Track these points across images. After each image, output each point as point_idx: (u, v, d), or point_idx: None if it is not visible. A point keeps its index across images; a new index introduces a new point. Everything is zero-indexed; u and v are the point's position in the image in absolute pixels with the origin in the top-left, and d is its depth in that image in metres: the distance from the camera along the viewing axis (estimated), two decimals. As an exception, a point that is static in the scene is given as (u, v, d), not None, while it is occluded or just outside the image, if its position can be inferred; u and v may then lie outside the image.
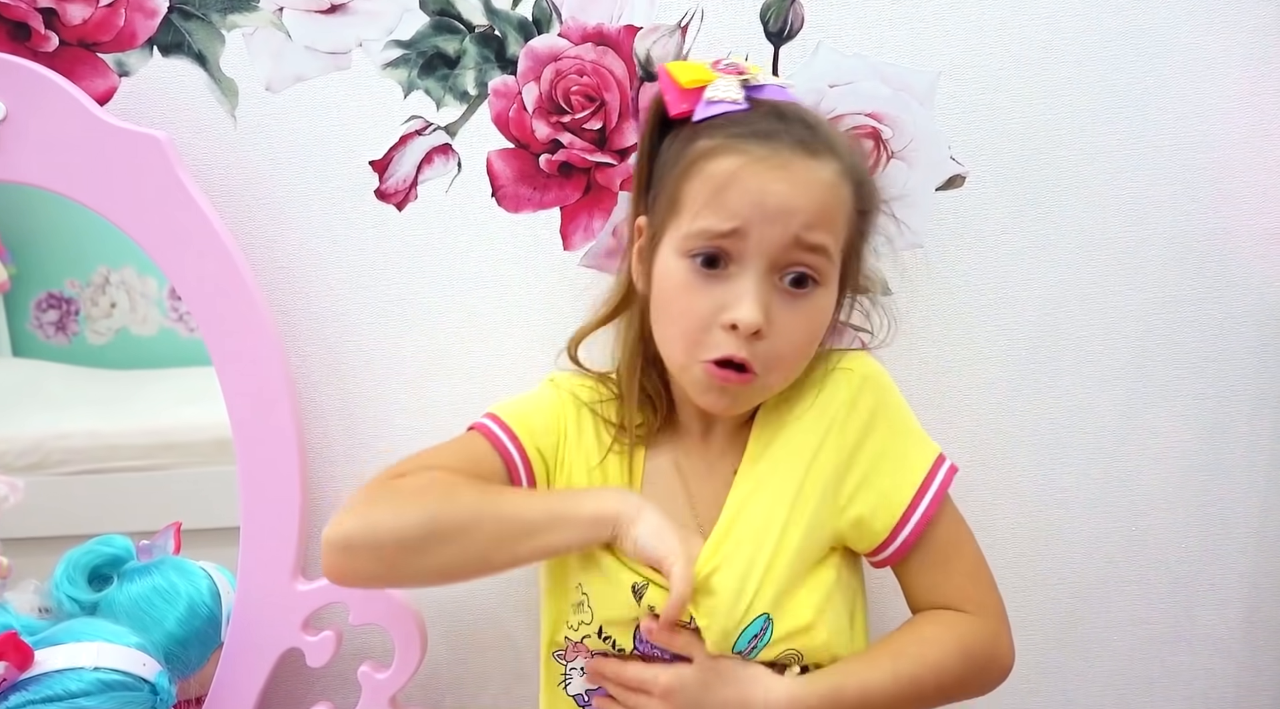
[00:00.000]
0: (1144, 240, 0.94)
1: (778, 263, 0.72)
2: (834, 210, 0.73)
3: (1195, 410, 0.97)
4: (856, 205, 0.76)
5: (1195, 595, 1.00)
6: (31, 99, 0.86)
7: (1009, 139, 0.92)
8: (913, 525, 0.77)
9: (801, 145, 0.73)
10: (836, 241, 0.74)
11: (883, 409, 0.79)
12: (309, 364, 0.97)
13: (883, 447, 0.78)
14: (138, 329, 1.12)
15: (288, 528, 0.92)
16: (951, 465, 0.80)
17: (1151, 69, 0.91)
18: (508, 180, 0.93)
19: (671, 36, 0.90)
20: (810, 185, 0.72)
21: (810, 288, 0.73)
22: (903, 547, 0.78)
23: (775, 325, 0.72)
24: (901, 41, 0.90)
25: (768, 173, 0.71)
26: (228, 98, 0.92)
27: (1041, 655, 1.01)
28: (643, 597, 0.75)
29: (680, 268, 0.73)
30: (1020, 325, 0.95)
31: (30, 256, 1.12)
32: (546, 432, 0.82)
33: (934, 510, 0.77)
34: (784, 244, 0.71)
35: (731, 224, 0.71)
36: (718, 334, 0.72)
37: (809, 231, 0.71)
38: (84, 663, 0.83)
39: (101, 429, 1.11)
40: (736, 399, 0.75)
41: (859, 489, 0.77)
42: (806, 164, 0.72)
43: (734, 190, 0.71)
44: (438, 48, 0.91)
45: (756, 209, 0.71)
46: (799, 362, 0.77)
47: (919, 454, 0.79)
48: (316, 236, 0.94)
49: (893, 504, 0.77)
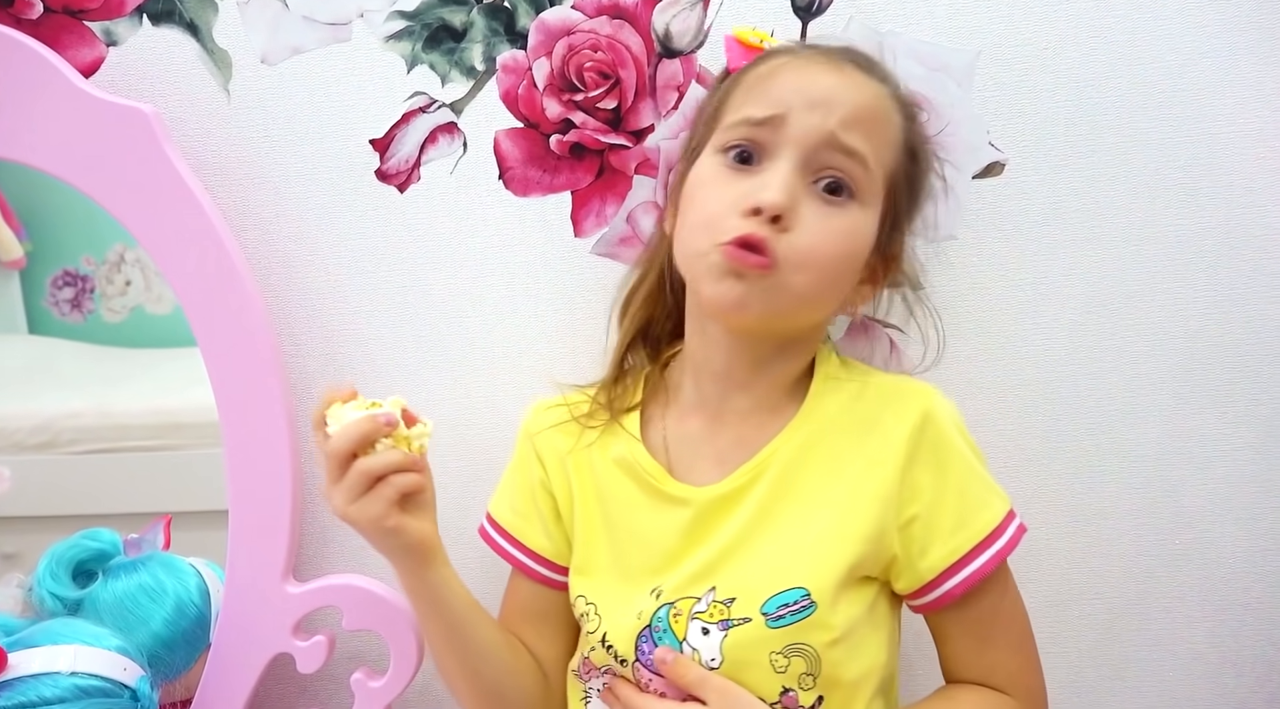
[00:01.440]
0: (1196, 235, 0.89)
1: (812, 161, 0.69)
2: (880, 120, 0.71)
3: (1247, 418, 0.91)
4: (906, 141, 0.74)
5: (1242, 615, 0.95)
6: (11, 69, 0.83)
7: (1052, 124, 0.87)
8: (965, 575, 0.72)
9: (856, 61, 0.73)
10: (878, 157, 0.71)
11: (952, 445, 0.74)
12: (304, 353, 0.94)
13: (950, 482, 0.73)
14: (153, 308, 1.12)
15: (279, 527, 0.89)
16: (1021, 525, 0.75)
17: (1210, 49, 0.85)
18: (516, 162, 0.90)
19: (693, 10, 0.86)
20: (860, 86, 0.71)
21: (845, 198, 0.70)
22: (946, 596, 0.73)
23: (802, 221, 0.69)
24: (939, 17, 0.86)
25: (816, 67, 0.71)
26: (221, 70, 0.89)
27: (1075, 674, 0.96)
28: (653, 589, 0.74)
29: (712, 163, 0.72)
30: (1060, 324, 0.91)
31: (46, 233, 1.12)
32: (531, 493, 0.83)
33: (992, 567, 0.72)
34: (821, 137, 0.69)
35: (770, 110, 0.70)
36: (738, 220, 0.68)
37: (848, 130, 0.69)
38: (61, 667, 0.80)
39: (112, 408, 1.11)
40: (751, 292, 0.69)
41: (914, 520, 0.72)
42: (857, 73, 0.72)
43: (777, 78, 0.71)
44: (443, 19, 0.88)
45: (798, 95, 0.69)
46: (821, 278, 0.71)
47: (991, 503, 0.74)
48: (313, 219, 0.92)
49: (949, 547, 0.72)
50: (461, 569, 0.78)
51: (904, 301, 0.84)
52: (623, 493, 0.79)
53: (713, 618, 0.72)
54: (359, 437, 0.69)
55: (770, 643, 0.70)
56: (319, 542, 0.96)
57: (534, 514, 0.83)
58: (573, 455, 0.81)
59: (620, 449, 0.79)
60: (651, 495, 0.77)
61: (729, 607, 0.71)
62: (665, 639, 0.72)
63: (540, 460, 0.82)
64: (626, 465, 0.79)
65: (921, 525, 0.72)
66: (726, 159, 0.71)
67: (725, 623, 0.71)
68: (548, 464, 0.82)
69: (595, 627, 0.76)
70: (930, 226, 0.84)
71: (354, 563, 0.96)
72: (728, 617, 0.71)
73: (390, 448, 0.70)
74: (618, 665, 0.75)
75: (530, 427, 0.84)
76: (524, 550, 0.83)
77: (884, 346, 0.91)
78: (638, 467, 0.78)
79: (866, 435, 0.74)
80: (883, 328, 0.91)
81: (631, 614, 0.74)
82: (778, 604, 0.70)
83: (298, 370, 0.94)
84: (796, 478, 0.74)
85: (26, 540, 1.06)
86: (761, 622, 0.70)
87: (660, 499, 0.77)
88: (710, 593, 0.72)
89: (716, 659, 0.71)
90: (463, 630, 0.77)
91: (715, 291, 0.70)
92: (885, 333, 0.91)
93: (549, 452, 0.82)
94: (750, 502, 0.74)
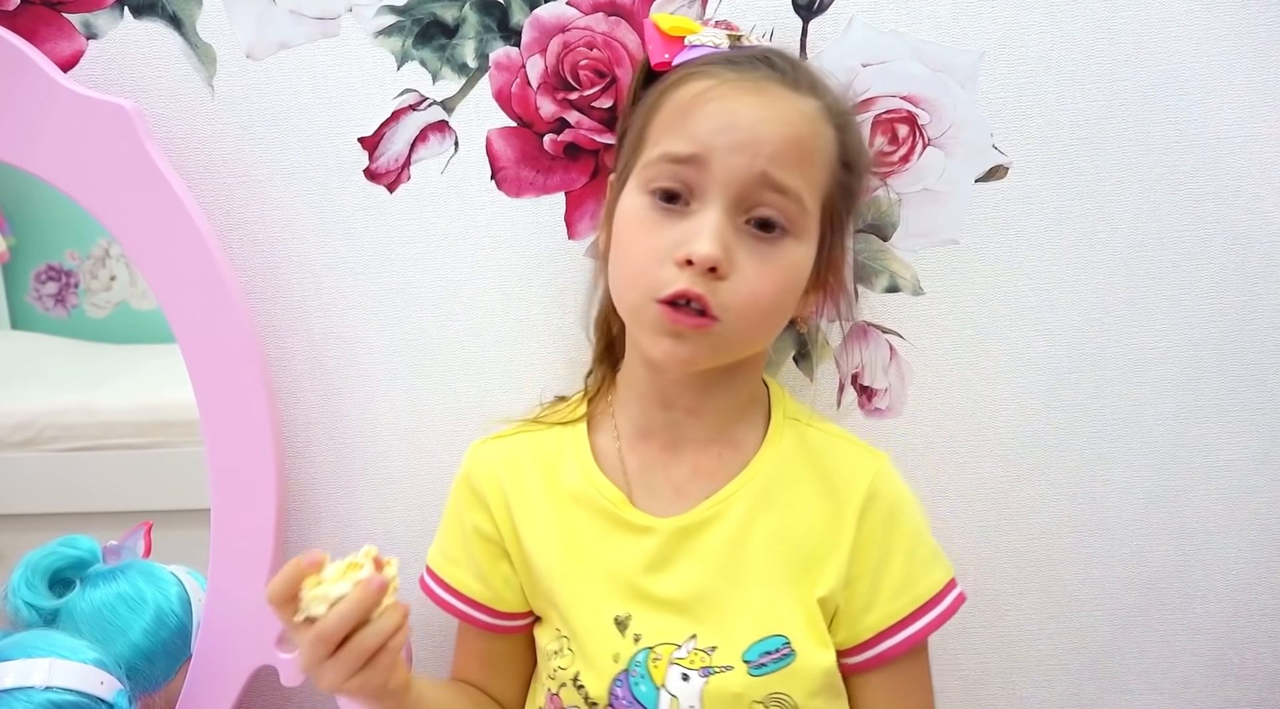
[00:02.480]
0: (1203, 241, 0.87)
1: (743, 201, 0.66)
2: (810, 148, 0.68)
3: (1252, 426, 0.90)
4: (840, 154, 0.70)
5: (1246, 627, 0.94)
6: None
7: (1057, 127, 0.86)
8: (903, 637, 0.73)
9: (781, 75, 0.68)
10: (812, 189, 0.68)
11: (905, 508, 0.74)
12: (290, 357, 0.91)
13: (899, 545, 0.73)
14: (138, 303, 1.12)
15: (262, 535, 0.86)
16: (961, 594, 0.75)
17: (1217, 52, 0.84)
18: (509, 162, 0.88)
19: (690, 7, 0.84)
20: (786, 113, 0.67)
21: (778, 235, 0.67)
22: (880, 657, 0.73)
23: (738, 268, 0.66)
24: (942, 17, 0.84)
25: (738, 96, 0.66)
26: (205, 65, 0.86)
27: (1076, 687, 0.95)
28: (626, 628, 0.72)
29: (638, 204, 0.69)
30: (1064, 330, 0.89)
31: (30, 227, 1.11)
32: (464, 538, 0.80)
33: (929, 631, 0.73)
34: (750, 178, 0.65)
35: (691, 148, 0.66)
36: (672, 271, 0.66)
37: (778, 167, 0.65)
38: (35, 682, 0.78)
39: (97, 405, 1.10)
40: (695, 349, 0.67)
41: (859, 577, 0.72)
42: (783, 93, 0.67)
43: (698, 112, 0.67)
44: (435, 15, 0.85)
45: (721, 134, 0.65)
46: (764, 320, 0.69)
47: (935, 569, 0.75)
48: (300, 219, 0.89)
49: (892, 608, 0.72)
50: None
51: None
52: (580, 523, 0.76)
53: (693, 665, 0.70)
54: (357, 617, 0.62)
55: (750, 692, 0.69)
56: (303, 550, 0.92)
57: (465, 560, 0.80)
58: (518, 490, 0.78)
59: (574, 478, 0.76)
60: (612, 524, 0.75)
61: (710, 655, 0.70)
62: (643, 684, 0.71)
63: (482, 501, 0.79)
64: (582, 496, 0.76)
65: (867, 584, 0.72)
66: (653, 201, 0.68)
67: (706, 670, 0.70)
68: (491, 503, 0.78)
69: (568, 664, 0.74)
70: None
71: (340, 572, 0.93)
72: (709, 664, 0.70)
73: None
74: (586, 708, 0.73)
75: (469, 467, 0.81)
76: (461, 598, 0.80)
77: (884, 353, 0.89)
78: (596, 495, 0.75)
79: (824, 484, 0.74)
80: (882, 333, 0.89)
81: (608, 656, 0.72)
82: (759, 651, 0.69)
83: (283, 374, 0.91)
84: (761, 516, 0.73)
85: (9, 539, 1.05)
86: (744, 669, 0.69)
87: (621, 527, 0.74)
88: (691, 641, 0.71)
89: (695, 707, 0.69)
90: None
91: (657, 349, 0.68)
92: (885, 339, 0.89)
93: (491, 490, 0.79)
94: (717, 537, 0.72)
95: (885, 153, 0.86)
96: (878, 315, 0.89)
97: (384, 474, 0.93)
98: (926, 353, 0.89)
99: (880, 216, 0.87)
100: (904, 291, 0.88)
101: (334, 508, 0.93)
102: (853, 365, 0.89)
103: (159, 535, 0.97)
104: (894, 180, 0.86)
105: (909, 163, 0.86)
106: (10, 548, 0.99)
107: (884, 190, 0.86)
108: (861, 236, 0.87)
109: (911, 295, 0.88)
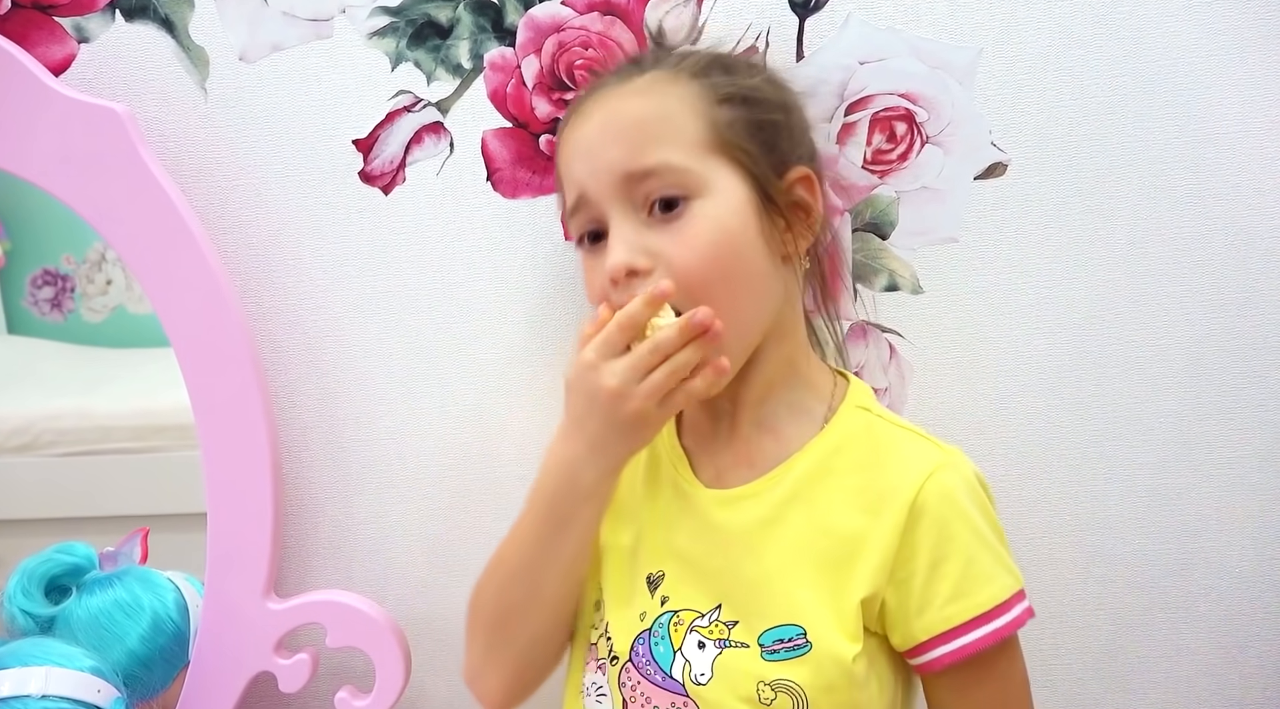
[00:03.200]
0: (1203, 236, 0.87)
1: (631, 201, 0.69)
2: (655, 119, 0.69)
3: (1253, 424, 0.90)
4: (713, 97, 0.70)
5: (1249, 625, 0.93)
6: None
7: (1056, 124, 0.85)
8: (956, 646, 0.69)
9: (619, 73, 0.72)
10: (684, 148, 0.68)
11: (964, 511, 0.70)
12: (285, 360, 0.91)
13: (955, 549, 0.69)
14: (134, 307, 1.12)
15: (259, 540, 0.86)
16: (1029, 608, 0.72)
17: (1217, 47, 0.83)
18: (504, 163, 0.87)
19: (686, 6, 0.84)
20: (616, 107, 0.70)
21: (681, 206, 0.68)
22: (936, 662, 0.70)
23: (660, 254, 0.68)
24: (940, 14, 0.84)
25: (580, 126, 0.71)
26: (198, 68, 0.86)
27: (1078, 687, 0.94)
28: (657, 587, 0.73)
29: (581, 256, 0.74)
30: (1064, 327, 0.89)
31: (26, 232, 1.11)
32: None
33: (988, 643, 0.69)
34: (616, 183, 0.69)
35: (573, 194, 0.71)
36: (614, 295, 0.69)
37: (635, 160, 0.68)
38: (31, 691, 0.77)
39: (93, 410, 1.10)
40: (699, 386, 0.68)
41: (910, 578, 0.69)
42: (616, 91, 0.71)
43: (563, 159, 0.73)
44: (429, 15, 0.85)
45: (582, 167, 0.70)
46: (715, 279, 0.68)
47: (997, 579, 0.70)
48: (295, 222, 0.89)
49: (945, 614, 0.69)
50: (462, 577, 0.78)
51: None
52: (648, 478, 0.78)
53: (712, 635, 0.71)
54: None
55: (761, 673, 0.68)
56: (301, 557, 0.94)
57: None
58: None
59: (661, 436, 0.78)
60: (670, 487, 0.77)
61: (730, 629, 0.70)
62: (662, 645, 0.72)
63: None
64: (656, 452, 0.78)
65: (919, 585, 0.69)
66: (585, 247, 0.73)
67: (723, 642, 0.70)
68: None
69: (603, 617, 0.76)
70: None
71: (337, 579, 0.93)
72: (726, 637, 0.70)
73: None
74: (609, 663, 0.74)
75: None
76: None
77: (883, 352, 0.89)
78: (666, 455, 0.78)
79: (877, 480, 0.71)
80: (882, 332, 0.89)
81: (635, 613, 0.73)
82: (774, 638, 0.69)
83: (279, 378, 0.91)
84: (799, 506, 0.72)
85: (6, 544, 1.05)
86: (757, 651, 0.69)
87: (676, 492, 0.76)
88: (716, 611, 0.71)
89: (707, 674, 0.70)
90: (580, 547, 0.74)
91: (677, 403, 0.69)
92: (885, 338, 0.89)
93: None
94: (760, 512, 0.72)
95: (883, 150, 0.85)
96: (877, 314, 0.88)
97: (381, 478, 0.93)
98: (926, 352, 0.89)
99: (879, 215, 0.87)
100: (903, 290, 0.88)
101: (331, 512, 0.93)
102: (852, 365, 0.89)
103: (156, 540, 0.97)
104: (892, 178, 0.86)
105: (907, 161, 0.86)
106: (7, 553, 0.98)
107: (882, 188, 0.86)
108: (860, 235, 0.87)
109: (911, 294, 0.88)
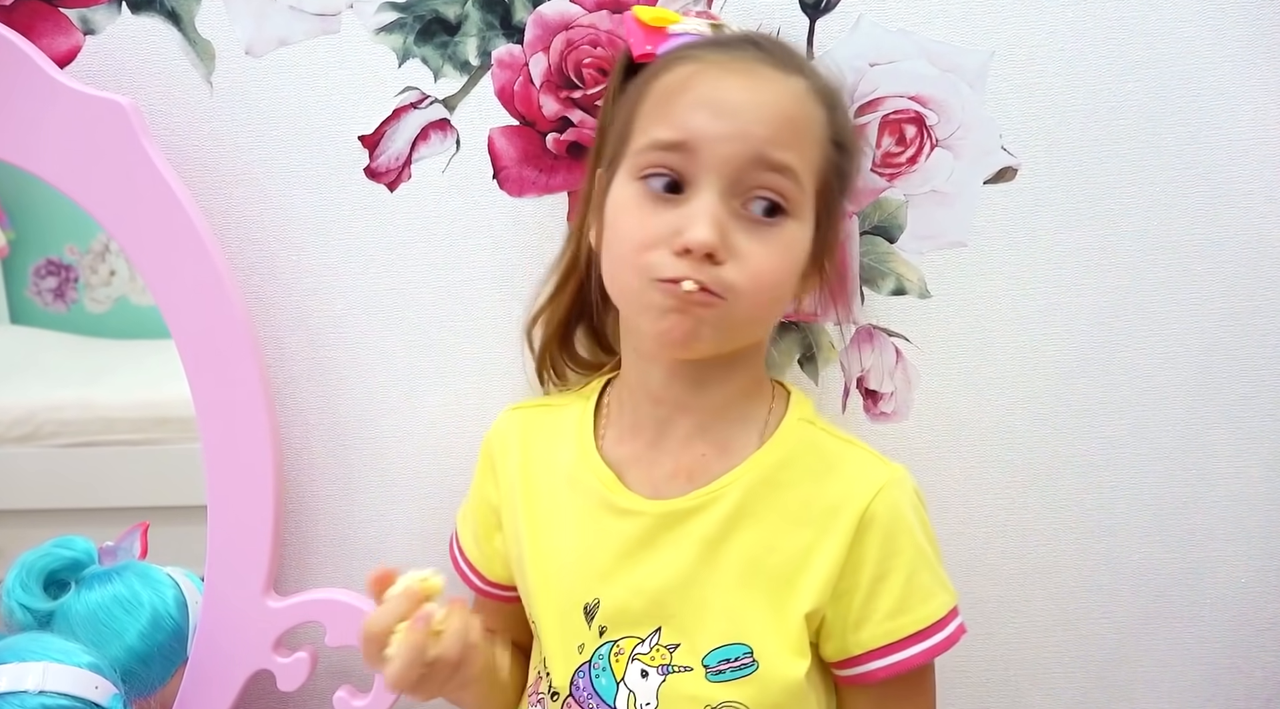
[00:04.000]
0: (1215, 244, 0.86)
1: (739, 184, 0.65)
2: (803, 127, 0.67)
3: (1262, 433, 0.89)
4: (831, 134, 0.69)
5: (1255, 635, 0.93)
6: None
7: (1067, 128, 0.84)
8: (892, 661, 0.70)
9: (768, 55, 0.68)
10: (807, 166, 0.67)
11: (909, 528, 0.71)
12: (288, 358, 0.91)
13: (899, 565, 0.70)
14: (137, 298, 1.12)
15: (260, 537, 0.86)
16: (962, 625, 0.73)
17: (1232, 54, 0.83)
18: (511, 161, 0.87)
19: (696, 2, 0.83)
20: (775, 93, 0.66)
21: (779, 218, 0.66)
22: (868, 675, 0.70)
23: (737, 253, 0.65)
24: (952, 16, 0.83)
25: (725, 77, 0.66)
26: (203, 61, 0.86)
27: (1083, 695, 0.94)
28: (594, 617, 0.71)
29: (631, 192, 0.67)
30: (1072, 335, 0.88)
31: (30, 222, 1.11)
32: (474, 501, 0.83)
33: (923, 659, 0.70)
34: (744, 162, 0.64)
35: (679, 135, 0.65)
36: (669, 259, 0.64)
37: (774, 147, 0.65)
38: (29, 686, 0.77)
39: (96, 401, 1.10)
40: (697, 324, 0.65)
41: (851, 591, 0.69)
42: (771, 73, 0.67)
43: (685, 97, 0.66)
44: (436, 12, 0.84)
45: (710, 118, 0.65)
46: (767, 301, 0.68)
47: (936, 596, 0.71)
48: (299, 218, 0.88)
49: (885, 629, 0.70)
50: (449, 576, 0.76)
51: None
52: (569, 505, 0.75)
53: (653, 661, 0.69)
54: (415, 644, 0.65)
55: (707, 697, 0.68)
56: (301, 555, 0.93)
57: (471, 519, 0.83)
58: (525, 464, 0.78)
59: (570, 457, 0.76)
60: (599, 506, 0.73)
61: (671, 652, 0.69)
62: (604, 677, 0.70)
63: (492, 468, 0.81)
64: (576, 477, 0.75)
65: (861, 598, 0.69)
66: (645, 187, 0.67)
67: (665, 668, 0.69)
68: (499, 471, 0.80)
69: (539, 650, 0.75)
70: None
71: (337, 577, 0.93)
72: (669, 662, 0.69)
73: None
74: (549, 698, 0.72)
75: (491, 432, 0.83)
76: (461, 555, 0.83)
77: (890, 356, 0.88)
78: (589, 475, 0.74)
79: (824, 494, 0.71)
80: (888, 336, 0.88)
81: (573, 646, 0.72)
82: (720, 658, 0.68)
83: (282, 375, 0.90)
84: (745, 521, 0.71)
85: (7, 535, 1.05)
86: (702, 674, 0.68)
87: (608, 511, 0.73)
88: (655, 635, 0.70)
89: (652, 704, 0.69)
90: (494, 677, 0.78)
91: (659, 328, 0.66)
92: (891, 342, 0.88)
93: (502, 459, 0.80)
94: (696, 532, 0.70)
95: (893, 153, 0.85)
96: (884, 318, 0.88)
97: (383, 475, 0.92)
98: (933, 356, 0.88)
99: (887, 218, 0.86)
100: (910, 294, 0.87)
101: (332, 509, 0.93)
102: (858, 369, 0.88)
103: (157, 532, 0.96)
104: (901, 181, 0.85)
105: (916, 164, 0.85)
106: (8, 544, 0.99)
107: (891, 191, 0.85)
108: (868, 238, 0.86)
109: (918, 298, 0.87)
